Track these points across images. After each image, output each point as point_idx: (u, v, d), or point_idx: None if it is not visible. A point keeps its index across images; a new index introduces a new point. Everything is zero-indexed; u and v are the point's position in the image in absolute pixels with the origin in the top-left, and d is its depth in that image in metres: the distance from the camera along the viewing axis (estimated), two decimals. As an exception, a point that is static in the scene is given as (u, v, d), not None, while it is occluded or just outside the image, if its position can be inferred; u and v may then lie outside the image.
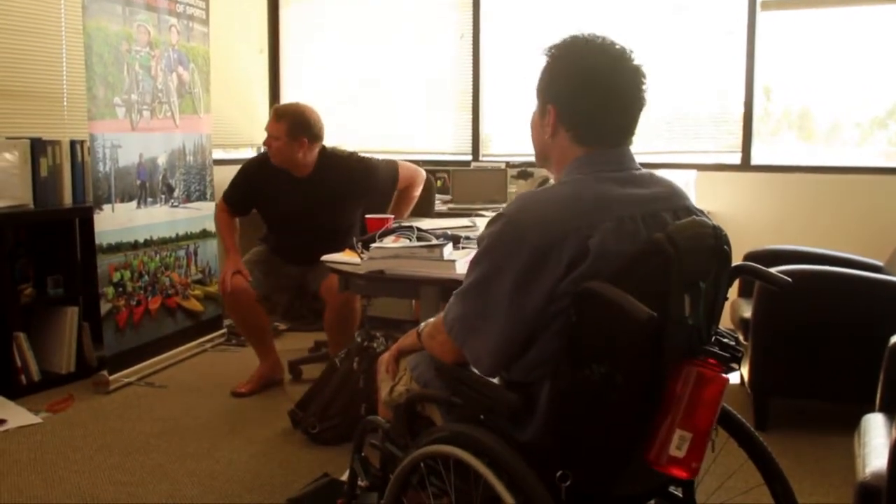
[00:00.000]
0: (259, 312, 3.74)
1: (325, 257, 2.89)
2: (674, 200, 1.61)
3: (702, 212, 1.64)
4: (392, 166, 3.80)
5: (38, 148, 3.78)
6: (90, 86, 3.67)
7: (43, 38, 4.15)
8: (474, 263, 1.57)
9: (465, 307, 1.58)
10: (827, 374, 3.16)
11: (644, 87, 1.59)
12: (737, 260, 1.63)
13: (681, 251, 1.41)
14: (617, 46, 1.59)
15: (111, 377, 3.76)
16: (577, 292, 1.42)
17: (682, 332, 1.47)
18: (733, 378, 1.55)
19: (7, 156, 3.73)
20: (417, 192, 3.91)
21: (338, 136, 5.34)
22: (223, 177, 4.12)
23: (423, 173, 3.93)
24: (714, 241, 1.53)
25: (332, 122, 5.43)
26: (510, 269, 1.48)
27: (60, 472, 2.90)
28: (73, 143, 3.94)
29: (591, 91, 1.57)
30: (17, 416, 3.42)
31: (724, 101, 4.62)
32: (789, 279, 1.69)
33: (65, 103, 4.27)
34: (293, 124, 3.56)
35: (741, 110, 4.52)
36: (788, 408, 3.42)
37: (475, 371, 1.63)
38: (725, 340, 1.59)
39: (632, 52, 1.60)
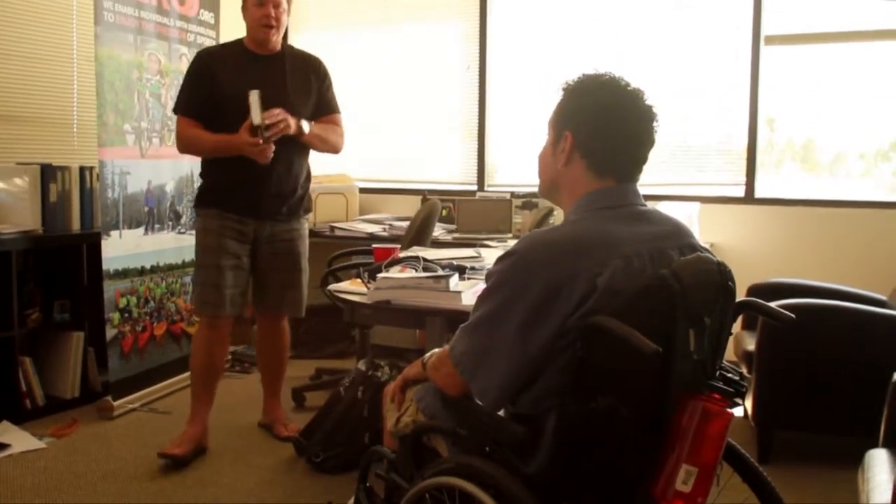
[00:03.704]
0: (225, 345, 3.47)
1: (332, 287, 2.90)
2: (679, 238, 1.64)
3: (706, 249, 1.66)
4: (336, 101, 3.46)
5: (47, 174, 3.82)
6: (100, 113, 3.72)
7: (55, 65, 4.21)
8: (483, 298, 1.59)
9: (473, 342, 1.59)
10: (830, 408, 3.17)
11: (656, 126, 1.63)
12: (740, 292, 1.64)
13: (686, 287, 1.43)
14: (632, 86, 1.64)
15: (115, 403, 3.77)
16: (583, 327, 1.44)
17: (687, 366, 1.49)
18: (737, 411, 1.56)
19: (17, 181, 3.78)
20: (339, 138, 3.42)
21: (344, 164, 5.38)
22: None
23: (343, 140, 3.47)
24: (719, 277, 1.55)
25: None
26: (519, 305, 1.50)
27: (64, 498, 2.90)
28: (82, 170, 3.97)
29: (610, 122, 1.61)
30: (22, 440, 3.42)
31: (727, 134, 4.64)
32: (792, 315, 1.71)
33: (75, 130, 4.32)
34: None
35: (745, 143, 4.54)
36: (792, 441, 3.41)
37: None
38: (730, 375, 1.61)
39: (643, 92, 1.65)
